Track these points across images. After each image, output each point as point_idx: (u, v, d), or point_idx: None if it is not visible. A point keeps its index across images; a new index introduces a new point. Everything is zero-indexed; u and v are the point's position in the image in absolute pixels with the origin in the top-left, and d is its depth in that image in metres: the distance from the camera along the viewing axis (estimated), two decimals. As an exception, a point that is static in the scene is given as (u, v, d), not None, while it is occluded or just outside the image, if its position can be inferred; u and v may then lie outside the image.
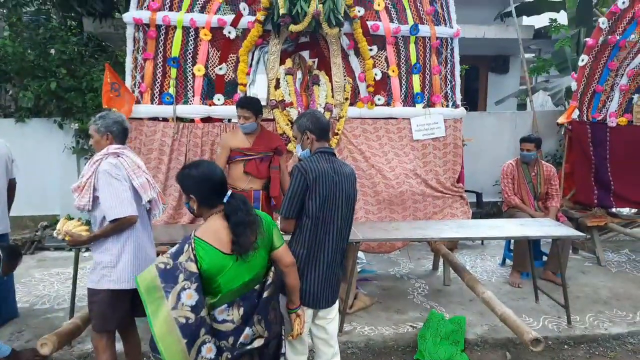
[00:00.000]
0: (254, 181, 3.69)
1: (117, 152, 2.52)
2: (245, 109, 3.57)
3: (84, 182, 2.46)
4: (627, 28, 4.74)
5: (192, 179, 1.97)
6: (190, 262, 1.80)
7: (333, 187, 2.28)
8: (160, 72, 4.17)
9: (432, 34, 4.43)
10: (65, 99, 5.47)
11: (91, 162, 2.51)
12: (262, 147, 3.68)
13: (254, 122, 3.61)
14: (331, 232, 2.32)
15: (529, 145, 4.45)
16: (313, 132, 2.37)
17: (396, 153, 4.42)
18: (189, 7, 4.12)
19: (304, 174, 2.25)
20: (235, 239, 1.88)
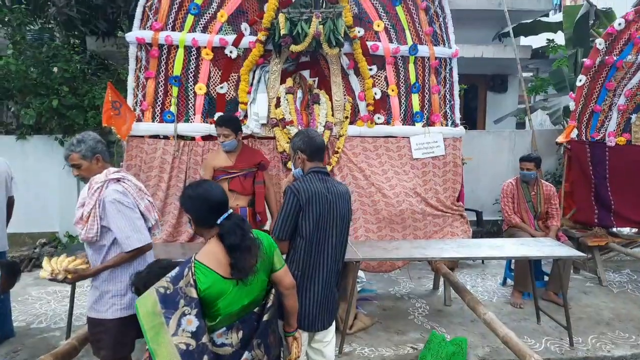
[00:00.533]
0: (240, 198, 3.70)
1: (119, 177, 2.42)
2: (224, 127, 3.62)
3: (87, 212, 2.33)
4: (623, 49, 4.80)
5: (190, 199, 1.96)
6: (190, 287, 1.77)
7: (327, 207, 2.27)
8: (161, 90, 4.20)
9: (431, 54, 4.47)
10: (67, 117, 5.50)
11: (91, 189, 2.37)
12: (245, 163, 3.71)
13: (234, 139, 3.65)
14: (326, 252, 2.30)
15: (528, 165, 4.47)
16: (304, 152, 2.37)
17: (396, 171, 4.43)
18: (191, 27, 4.17)
19: (297, 194, 2.24)
20: (234, 262, 1.84)
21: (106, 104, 3.86)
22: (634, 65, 4.84)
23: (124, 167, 4.12)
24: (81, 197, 2.41)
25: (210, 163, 3.72)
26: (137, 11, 4.09)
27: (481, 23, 8.18)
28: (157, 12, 4.10)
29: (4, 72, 5.46)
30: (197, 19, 4.17)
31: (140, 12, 4.10)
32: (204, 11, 4.17)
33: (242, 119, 4.21)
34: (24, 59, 5.41)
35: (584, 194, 5.03)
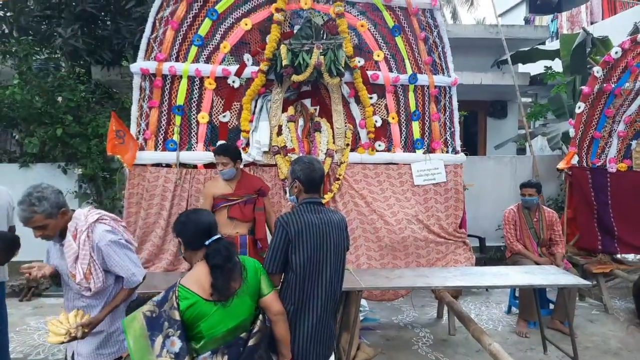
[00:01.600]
0: (240, 225, 3.69)
1: (98, 216, 2.30)
2: (222, 155, 3.65)
3: (87, 265, 2.20)
4: (621, 76, 4.86)
5: (180, 223, 2.06)
6: (173, 309, 1.85)
7: (319, 239, 2.22)
8: (165, 119, 4.25)
9: (431, 83, 4.53)
10: (70, 145, 5.55)
11: (78, 240, 2.21)
12: (244, 190, 3.72)
13: (233, 167, 3.67)
14: (320, 285, 2.24)
15: (530, 191, 4.47)
16: (302, 183, 2.32)
17: (397, 198, 4.43)
18: (195, 57, 4.25)
19: (285, 227, 2.19)
20: (213, 283, 1.90)
21: (110, 133, 3.90)
22: (632, 92, 4.89)
23: (126, 196, 4.14)
24: (70, 251, 2.23)
25: (209, 191, 3.73)
26: (142, 43, 4.18)
27: (480, 51, 8.32)
28: (162, 43, 4.18)
29: (9, 102, 5.54)
30: (200, 50, 4.25)
31: (145, 44, 4.18)
32: (207, 42, 4.26)
33: (244, 147, 4.25)
34: (30, 89, 5.50)
35: (586, 221, 5.01)
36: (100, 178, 5.62)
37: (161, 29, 4.17)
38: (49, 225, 2.17)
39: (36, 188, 2.18)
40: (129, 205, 4.14)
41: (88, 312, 2.28)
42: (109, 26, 6.13)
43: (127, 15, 5.91)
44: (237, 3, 4.25)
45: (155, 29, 4.17)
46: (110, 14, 6.21)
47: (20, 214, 2.14)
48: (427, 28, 4.54)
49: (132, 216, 4.15)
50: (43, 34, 6.17)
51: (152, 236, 4.12)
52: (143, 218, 4.11)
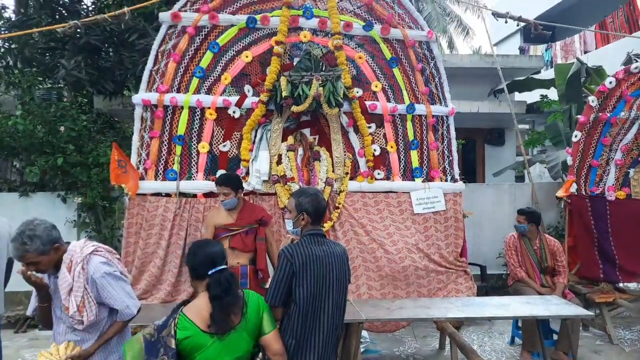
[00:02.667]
0: (240, 256, 3.67)
1: (93, 248, 2.30)
2: (224, 185, 3.65)
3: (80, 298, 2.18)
4: (616, 106, 4.93)
5: (191, 250, 2.12)
6: (170, 337, 1.88)
7: (323, 272, 2.21)
8: (165, 149, 4.28)
9: (428, 113, 4.59)
10: (71, 174, 5.57)
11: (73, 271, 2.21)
12: (246, 220, 3.70)
13: (235, 197, 3.67)
14: (322, 319, 2.21)
15: (519, 217, 4.49)
16: (310, 215, 2.33)
17: (397, 227, 4.42)
18: (196, 89, 4.31)
19: (290, 259, 2.18)
20: (212, 314, 1.91)
21: (113, 163, 3.93)
22: (627, 121, 4.95)
23: (125, 226, 4.13)
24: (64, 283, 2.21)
25: (211, 221, 3.72)
26: (144, 75, 4.25)
27: (476, 80, 8.46)
28: (164, 75, 4.25)
29: (11, 131, 5.59)
30: (201, 82, 4.32)
31: (147, 76, 4.25)
32: (208, 74, 4.34)
33: (243, 176, 4.26)
34: (32, 119, 5.56)
35: (587, 249, 4.99)
36: (100, 207, 5.61)
37: (163, 61, 4.25)
38: (41, 261, 2.19)
39: (28, 225, 2.19)
40: (128, 235, 4.13)
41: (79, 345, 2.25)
42: (112, 57, 6.24)
43: (130, 46, 6.03)
44: (238, 36, 4.35)
45: (157, 62, 4.25)
46: (113, 46, 6.34)
47: (13, 252, 2.18)
48: (424, 60, 4.63)
49: (131, 246, 4.13)
50: (47, 65, 6.28)
51: (150, 266, 4.09)
52: (142, 248, 4.09)
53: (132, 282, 4.03)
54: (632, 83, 4.94)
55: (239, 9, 4.37)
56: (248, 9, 4.38)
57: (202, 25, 4.28)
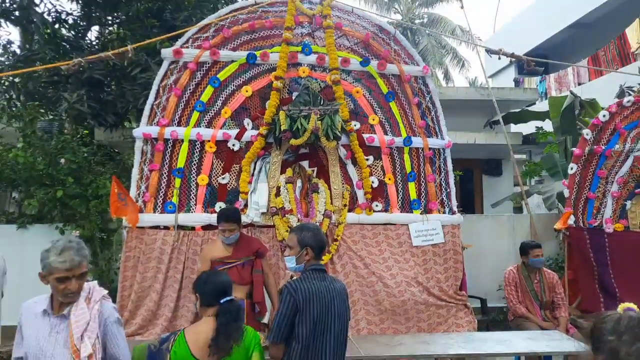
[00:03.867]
0: (237, 289, 3.60)
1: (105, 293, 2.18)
2: (230, 222, 3.62)
3: (93, 341, 2.01)
4: (610, 139, 4.99)
5: (200, 279, 2.28)
6: (167, 352, 2.06)
7: (325, 308, 2.21)
8: (164, 182, 4.31)
9: (425, 145, 4.65)
10: (70, 206, 5.57)
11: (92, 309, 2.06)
12: (243, 252, 3.68)
13: (238, 232, 3.66)
14: (324, 356, 2.19)
15: (539, 251, 4.46)
16: (314, 249, 2.35)
17: (396, 260, 4.39)
18: (196, 122, 4.38)
19: (294, 294, 2.18)
20: (215, 337, 2.03)
21: (112, 196, 3.95)
22: (622, 154, 5.00)
23: (122, 259, 4.11)
24: (81, 320, 2.03)
25: (207, 255, 3.69)
26: (146, 109, 4.32)
27: (472, 111, 8.59)
28: (165, 109, 4.32)
29: (11, 164, 5.62)
30: (202, 115, 4.39)
31: (149, 110, 4.32)
32: (209, 108, 4.41)
33: (242, 209, 4.27)
34: (32, 151, 5.61)
35: (587, 282, 4.94)
36: (98, 239, 5.59)
37: (165, 95, 4.34)
38: (86, 275, 2.09)
39: (68, 238, 2.16)
40: (125, 268, 4.10)
41: None
42: (114, 91, 6.35)
43: (132, 80, 6.14)
44: (238, 71, 4.45)
45: (159, 96, 4.33)
46: (115, 79, 6.46)
47: (72, 258, 2.01)
48: (420, 94, 4.73)
49: (128, 280, 4.09)
50: (49, 98, 6.38)
51: (147, 300, 4.04)
52: (139, 282, 4.05)
53: (128, 316, 3.98)
54: (625, 116, 5.02)
55: (240, 45, 4.48)
56: (248, 46, 4.50)
57: (204, 61, 4.39)
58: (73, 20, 7.28)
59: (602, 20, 12.22)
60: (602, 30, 11.92)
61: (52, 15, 6.98)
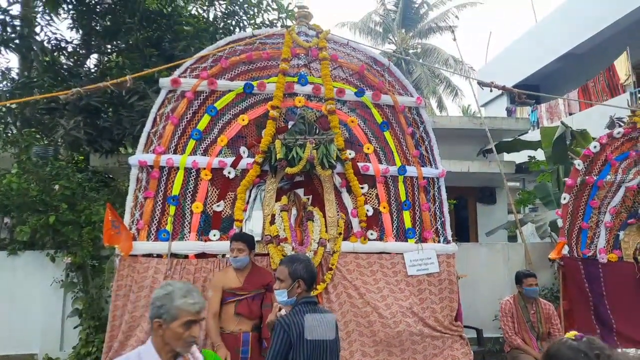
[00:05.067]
0: (244, 322, 3.58)
1: None
2: (239, 241, 3.66)
3: None
4: (602, 169, 5.06)
5: None
6: None
7: (318, 342, 2.20)
8: (159, 209, 4.29)
9: (419, 175, 4.69)
10: (62, 232, 5.53)
11: None
12: (253, 285, 3.65)
13: (247, 256, 3.64)
14: None
15: (534, 280, 4.45)
16: (306, 282, 2.34)
17: (391, 289, 4.37)
18: (192, 150, 4.40)
19: (287, 330, 2.17)
20: None
21: (106, 224, 3.92)
22: (614, 184, 5.06)
23: (113, 288, 4.06)
24: None
25: (219, 283, 3.66)
26: (142, 137, 4.34)
27: (466, 140, 8.71)
28: (161, 137, 4.35)
29: (4, 190, 5.60)
30: (198, 143, 4.42)
31: (145, 138, 4.34)
32: (205, 136, 4.44)
33: (235, 237, 4.25)
34: (27, 177, 5.60)
35: (583, 313, 4.92)
36: (89, 266, 5.53)
37: (161, 123, 4.37)
38: None
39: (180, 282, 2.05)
40: (116, 298, 4.04)
41: None
42: (111, 117, 6.40)
43: (130, 107, 6.20)
44: (235, 101, 4.51)
45: (155, 124, 4.36)
46: (113, 106, 6.51)
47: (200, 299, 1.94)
48: (414, 124, 4.80)
49: (119, 309, 4.03)
50: (46, 125, 6.41)
51: (137, 331, 3.97)
52: (130, 311, 3.98)
53: (118, 347, 3.90)
54: (616, 147, 5.11)
55: (237, 75, 4.56)
56: (246, 76, 4.58)
57: (201, 90, 4.44)
58: (72, 48, 7.40)
59: (591, 52, 12.57)
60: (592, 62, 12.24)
61: (51, 44, 7.10)
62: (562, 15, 13.70)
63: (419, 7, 22.94)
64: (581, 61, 13.00)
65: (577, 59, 13.09)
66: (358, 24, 22.86)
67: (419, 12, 22.91)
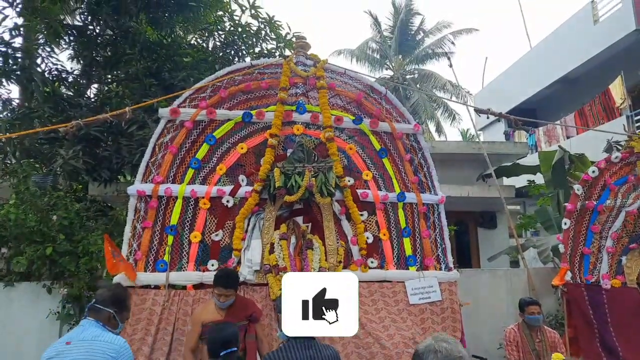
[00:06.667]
0: None
1: None
2: (230, 288, 3.57)
3: None
4: (601, 194, 5.06)
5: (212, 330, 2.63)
6: None
7: None
8: (157, 239, 4.28)
9: (419, 201, 4.70)
10: (59, 263, 5.48)
11: None
12: (236, 316, 3.58)
13: (234, 297, 3.60)
14: None
15: (536, 308, 4.37)
16: None
17: (393, 319, 4.31)
18: (191, 179, 4.42)
19: None
20: None
21: (107, 254, 3.92)
22: (614, 209, 5.06)
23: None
24: None
25: (198, 318, 3.60)
26: (141, 167, 4.37)
27: (465, 165, 8.73)
28: (160, 166, 4.38)
29: (2, 220, 5.58)
30: (197, 172, 4.45)
31: (144, 167, 4.37)
32: (204, 165, 4.48)
33: (235, 266, 4.23)
34: (25, 207, 5.58)
35: (588, 340, 4.83)
36: (86, 298, 5.45)
37: (160, 153, 4.41)
38: None
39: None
40: (113, 330, 3.97)
41: None
42: (110, 146, 6.43)
43: (129, 136, 6.24)
44: (234, 129, 4.56)
45: (154, 154, 4.40)
46: (112, 136, 6.56)
47: None
48: (412, 150, 4.84)
49: (115, 343, 3.95)
50: (45, 154, 6.44)
51: (134, 365, 3.89)
52: (126, 345, 3.91)
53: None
54: (614, 172, 5.12)
55: (236, 104, 4.63)
56: (244, 105, 4.64)
57: (200, 120, 4.50)
58: (73, 79, 7.50)
59: (586, 76, 12.78)
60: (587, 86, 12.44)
61: (52, 74, 7.20)
62: (556, 40, 14.00)
63: (415, 34, 23.40)
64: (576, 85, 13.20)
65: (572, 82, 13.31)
66: (355, 51, 23.28)
67: (415, 39, 23.36)
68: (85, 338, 2.57)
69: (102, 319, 2.69)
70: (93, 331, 2.62)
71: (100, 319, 2.68)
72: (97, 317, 2.69)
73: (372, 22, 23.57)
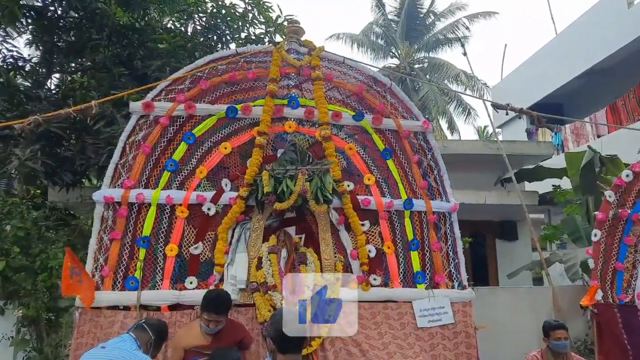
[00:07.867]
0: None
1: None
2: (221, 314, 3.58)
3: None
4: (636, 201, 5.08)
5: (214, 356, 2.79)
6: None
7: None
8: (127, 253, 4.26)
9: (428, 209, 4.71)
10: (13, 280, 5.46)
11: None
12: (223, 342, 3.59)
13: (224, 321, 3.60)
14: None
15: (564, 333, 4.36)
16: (274, 341, 2.33)
17: (399, 345, 4.31)
18: (167, 184, 4.41)
19: None
20: None
21: (65, 270, 3.88)
22: (651, 218, 5.09)
23: (72, 347, 3.99)
24: None
25: (180, 343, 3.60)
26: (109, 169, 4.36)
27: (481, 167, 8.79)
28: (131, 169, 4.37)
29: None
30: (173, 176, 4.44)
31: (112, 170, 4.35)
32: (182, 167, 4.47)
33: (217, 284, 4.22)
34: (-27, 217, 5.58)
35: (622, 370, 4.86)
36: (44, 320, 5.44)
37: (131, 153, 4.39)
38: None
39: None
40: (75, 358, 3.94)
41: None
42: (73, 146, 6.42)
43: (95, 134, 6.23)
44: (216, 126, 4.56)
45: (124, 154, 4.39)
46: (75, 133, 6.55)
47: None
48: (420, 151, 4.86)
49: (78, 373, 3.94)
50: (-3, 156, 6.42)
51: (99, 398, 3.87)
52: (91, 375, 3.90)
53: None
54: (651, 176, 5.15)
55: (219, 97, 4.63)
56: (228, 98, 4.64)
57: (177, 115, 4.50)
58: (31, 67, 7.49)
59: (619, 66, 12.84)
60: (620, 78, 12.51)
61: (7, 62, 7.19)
62: (585, 26, 14.07)
63: (425, 17, 23.52)
64: (608, 77, 13.27)
65: (603, 74, 13.37)
66: (358, 36, 23.36)
67: (424, 23, 23.48)
68: (123, 347, 3.06)
69: (142, 340, 3.14)
70: (131, 345, 3.08)
71: (140, 339, 3.14)
72: (138, 335, 3.16)
73: (375, 3, 23.62)
